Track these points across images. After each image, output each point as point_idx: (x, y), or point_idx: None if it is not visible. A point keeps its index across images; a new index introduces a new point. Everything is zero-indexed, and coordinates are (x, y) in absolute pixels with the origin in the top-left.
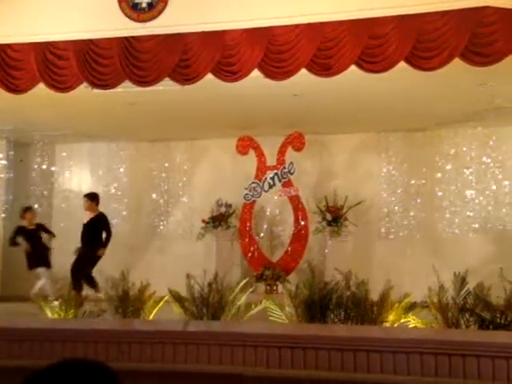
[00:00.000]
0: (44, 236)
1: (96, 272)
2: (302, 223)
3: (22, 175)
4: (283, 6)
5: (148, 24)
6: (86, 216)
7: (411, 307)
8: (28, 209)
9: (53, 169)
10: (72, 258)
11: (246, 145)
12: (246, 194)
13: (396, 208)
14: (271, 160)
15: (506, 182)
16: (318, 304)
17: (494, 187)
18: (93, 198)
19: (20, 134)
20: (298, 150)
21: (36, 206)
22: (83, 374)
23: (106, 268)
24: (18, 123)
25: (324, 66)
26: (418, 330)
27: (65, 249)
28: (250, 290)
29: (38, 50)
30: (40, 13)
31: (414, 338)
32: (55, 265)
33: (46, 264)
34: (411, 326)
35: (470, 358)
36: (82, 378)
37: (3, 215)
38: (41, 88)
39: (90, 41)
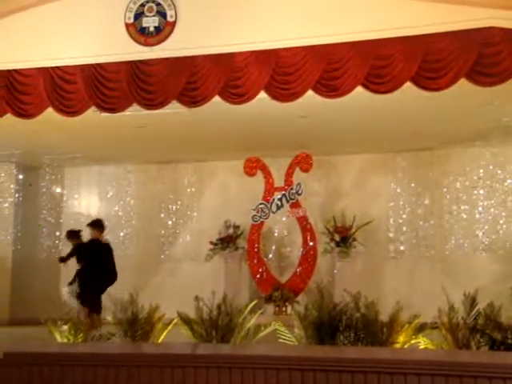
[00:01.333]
0: None
1: (105, 295)
2: (311, 244)
3: (31, 199)
4: (290, 28)
5: (155, 48)
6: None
7: (421, 328)
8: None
9: (62, 192)
10: None
11: (254, 166)
12: (254, 215)
13: (404, 228)
14: (279, 181)
15: None
16: (328, 325)
17: (502, 206)
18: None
19: (29, 158)
20: (306, 170)
21: (45, 229)
22: None
23: (114, 291)
24: (26, 147)
25: (330, 88)
26: (428, 352)
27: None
28: (259, 311)
29: (47, 75)
30: (48, 38)
31: (424, 360)
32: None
33: None
34: (422, 347)
35: (481, 379)
36: None
37: (12, 238)
38: (49, 112)
39: (98, 65)
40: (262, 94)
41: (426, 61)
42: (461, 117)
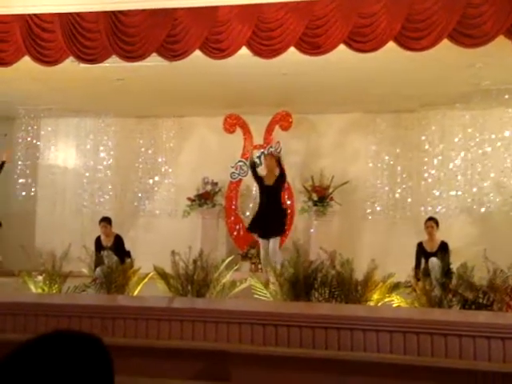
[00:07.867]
0: None
1: (81, 247)
2: (288, 202)
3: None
4: None
5: None
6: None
7: (395, 287)
8: None
9: (38, 143)
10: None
11: (234, 123)
12: (233, 173)
13: (382, 189)
14: (258, 139)
15: (492, 164)
16: (303, 282)
17: (479, 169)
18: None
19: (4, 108)
20: (285, 129)
21: (21, 180)
22: (75, 346)
23: (91, 244)
24: (2, 97)
25: (313, 45)
26: (401, 310)
27: (49, 223)
28: (235, 267)
29: (24, 22)
30: None
31: (397, 317)
32: (41, 240)
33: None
34: (395, 305)
35: (451, 337)
36: (74, 348)
37: None
38: (26, 61)
39: (77, 14)
40: (244, 50)
41: (410, 20)
42: (442, 79)
